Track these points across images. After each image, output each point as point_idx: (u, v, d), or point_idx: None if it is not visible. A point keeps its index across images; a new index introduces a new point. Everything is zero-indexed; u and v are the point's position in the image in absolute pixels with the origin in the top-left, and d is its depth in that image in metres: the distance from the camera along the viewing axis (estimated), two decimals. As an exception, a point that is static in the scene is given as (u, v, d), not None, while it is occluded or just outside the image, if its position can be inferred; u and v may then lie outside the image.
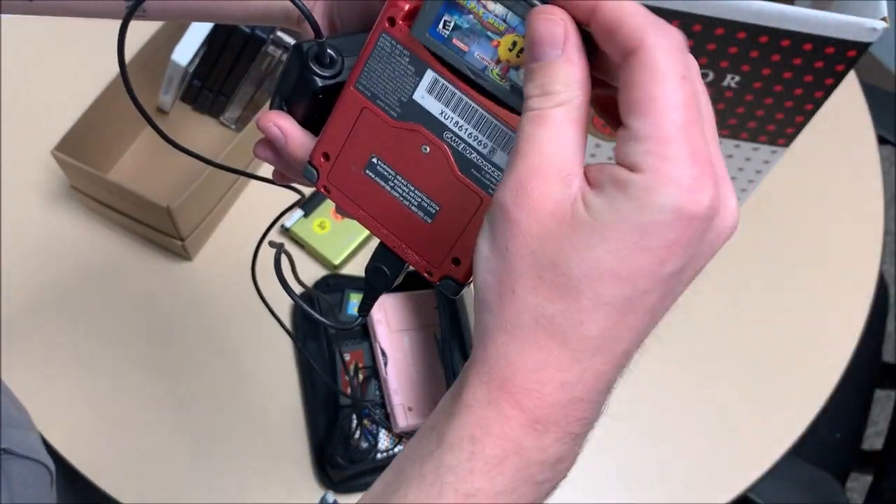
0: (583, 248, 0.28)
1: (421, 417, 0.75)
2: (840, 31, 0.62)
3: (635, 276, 0.28)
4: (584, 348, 0.29)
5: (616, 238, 0.28)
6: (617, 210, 0.28)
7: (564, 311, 0.29)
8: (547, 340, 0.29)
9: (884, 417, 1.60)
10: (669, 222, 0.28)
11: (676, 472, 0.77)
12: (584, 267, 0.28)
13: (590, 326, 0.29)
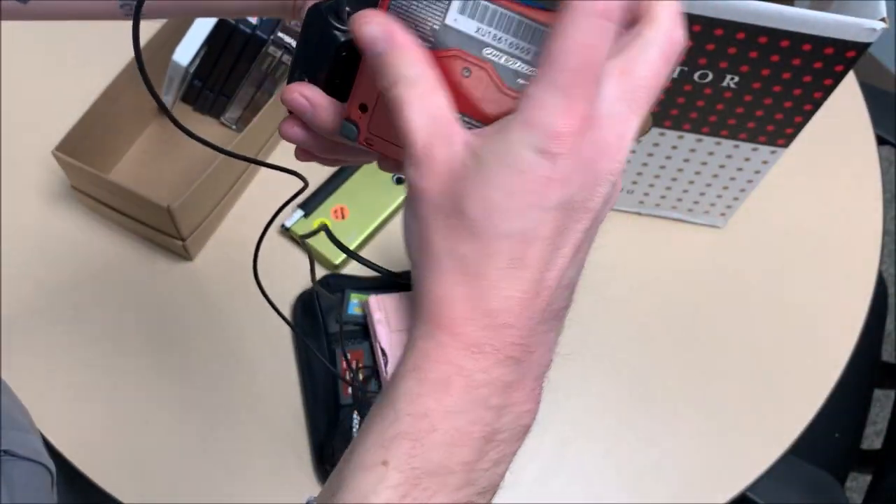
0: (474, 191, 0.32)
1: None
2: (839, 31, 0.62)
3: (522, 208, 0.31)
4: (499, 278, 0.32)
5: (497, 176, 0.31)
6: (495, 152, 0.32)
7: (473, 248, 0.32)
8: (466, 276, 0.33)
9: (883, 417, 1.60)
10: (536, 160, 0.31)
11: (675, 471, 0.78)
12: (477, 207, 0.32)
13: (497, 258, 0.32)
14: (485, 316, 0.33)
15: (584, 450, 0.78)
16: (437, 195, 0.33)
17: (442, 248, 0.33)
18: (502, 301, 0.33)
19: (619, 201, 0.89)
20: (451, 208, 0.32)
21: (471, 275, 0.32)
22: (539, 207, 0.31)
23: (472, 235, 0.32)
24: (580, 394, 0.81)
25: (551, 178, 0.31)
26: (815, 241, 0.91)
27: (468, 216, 0.32)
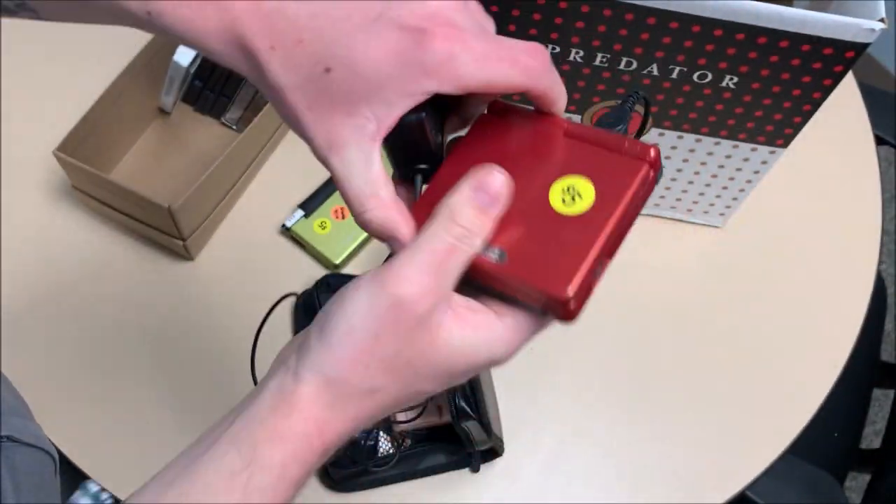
0: (433, 363, 0.38)
1: (423, 418, 0.75)
2: (838, 32, 0.62)
3: (434, 380, 0.39)
4: (376, 412, 0.39)
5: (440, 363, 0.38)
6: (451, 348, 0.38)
7: (393, 391, 0.39)
8: (366, 405, 0.38)
9: (882, 417, 1.60)
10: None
11: (675, 471, 0.78)
12: (424, 372, 0.38)
13: (399, 401, 0.39)
14: (348, 434, 0.39)
15: (583, 449, 0.78)
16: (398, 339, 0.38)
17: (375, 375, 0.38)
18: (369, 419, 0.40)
19: (619, 201, 0.89)
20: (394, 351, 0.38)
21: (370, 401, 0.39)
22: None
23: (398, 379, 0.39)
24: (579, 393, 0.81)
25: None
26: (814, 240, 0.91)
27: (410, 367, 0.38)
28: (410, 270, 0.37)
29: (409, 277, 0.37)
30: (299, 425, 0.38)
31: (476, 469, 0.76)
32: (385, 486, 0.75)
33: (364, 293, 0.37)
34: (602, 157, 0.40)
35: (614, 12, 0.64)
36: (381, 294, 0.37)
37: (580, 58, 0.70)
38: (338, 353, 0.37)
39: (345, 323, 0.37)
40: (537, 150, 0.42)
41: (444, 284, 0.37)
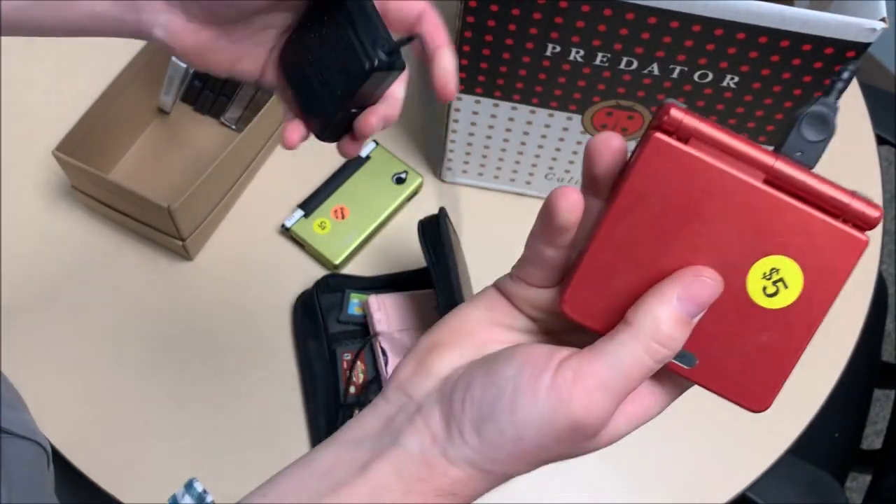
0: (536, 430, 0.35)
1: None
2: (839, 31, 0.62)
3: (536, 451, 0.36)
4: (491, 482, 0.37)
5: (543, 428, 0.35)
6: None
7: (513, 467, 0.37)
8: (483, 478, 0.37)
9: (882, 417, 1.60)
10: (556, 433, 0.35)
11: (675, 471, 0.78)
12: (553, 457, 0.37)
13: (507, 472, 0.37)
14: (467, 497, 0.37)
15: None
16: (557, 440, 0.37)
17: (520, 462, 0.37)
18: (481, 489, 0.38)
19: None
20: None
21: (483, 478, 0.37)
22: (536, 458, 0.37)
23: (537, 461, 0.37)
24: (580, 394, 0.81)
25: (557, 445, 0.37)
26: (815, 241, 0.91)
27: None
28: (602, 399, 0.35)
29: (598, 405, 0.35)
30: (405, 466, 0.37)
31: (476, 469, 0.75)
32: (385, 487, 0.75)
33: (544, 406, 0.34)
34: (815, 225, 0.32)
35: (615, 12, 0.64)
36: (564, 415, 0.34)
37: (580, 57, 0.69)
38: (501, 455, 0.36)
39: (513, 430, 0.35)
40: (734, 210, 0.33)
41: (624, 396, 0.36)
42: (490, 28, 0.69)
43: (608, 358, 0.34)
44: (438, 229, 0.74)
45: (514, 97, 0.76)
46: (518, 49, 0.70)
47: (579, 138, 0.80)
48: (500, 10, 0.66)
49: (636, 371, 0.34)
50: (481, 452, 0.35)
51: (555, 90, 0.74)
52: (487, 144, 0.83)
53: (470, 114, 0.80)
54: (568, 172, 0.85)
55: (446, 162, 0.88)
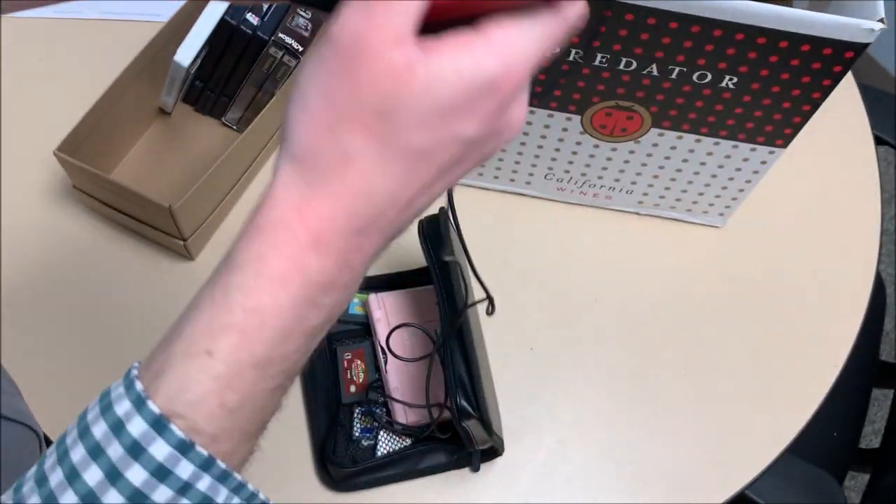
0: (407, 99, 0.31)
1: (420, 414, 0.75)
2: (837, 32, 0.62)
3: (440, 129, 0.32)
4: (378, 189, 0.32)
5: (437, 90, 0.31)
6: (446, 69, 0.31)
7: (373, 152, 0.32)
8: (348, 176, 0.32)
9: (881, 416, 1.60)
10: (479, 86, 0.31)
11: (674, 471, 0.78)
12: (403, 118, 0.31)
13: (389, 168, 0.32)
14: (345, 217, 0.33)
15: (582, 449, 0.78)
16: (366, 91, 0.31)
17: (341, 140, 0.32)
18: (369, 209, 0.33)
19: (618, 201, 0.89)
20: (373, 110, 0.31)
21: (356, 177, 0.32)
22: (450, 133, 0.32)
23: (380, 142, 0.32)
24: (579, 393, 0.81)
25: (478, 109, 0.32)
26: (814, 240, 0.91)
27: (389, 120, 0.31)
28: (347, 10, 0.30)
29: (345, 15, 0.30)
30: (273, 213, 0.33)
31: (476, 468, 0.76)
32: (385, 486, 0.75)
33: (311, 57, 0.32)
34: None
35: (614, 13, 0.64)
36: (323, 46, 0.31)
37: (579, 58, 0.70)
38: (298, 128, 0.32)
39: (300, 96, 0.32)
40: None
41: (394, 20, 0.30)
42: (490, 29, 0.69)
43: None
44: (439, 229, 0.74)
45: None
46: (518, 50, 0.70)
47: (579, 138, 0.80)
48: (500, 10, 0.67)
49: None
50: (287, 139, 0.33)
51: (554, 90, 0.74)
52: (487, 145, 0.84)
53: (470, 114, 0.80)
54: (567, 172, 0.85)
55: (446, 162, 0.88)
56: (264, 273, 0.33)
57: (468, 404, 0.65)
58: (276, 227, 0.33)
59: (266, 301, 0.33)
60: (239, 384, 0.33)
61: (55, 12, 1.01)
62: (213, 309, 0.33)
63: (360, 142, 0.32)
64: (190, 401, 0.32)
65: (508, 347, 0.82)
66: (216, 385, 0.33)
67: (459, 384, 0.66)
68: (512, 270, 0.87)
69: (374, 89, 0.31)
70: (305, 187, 0.33)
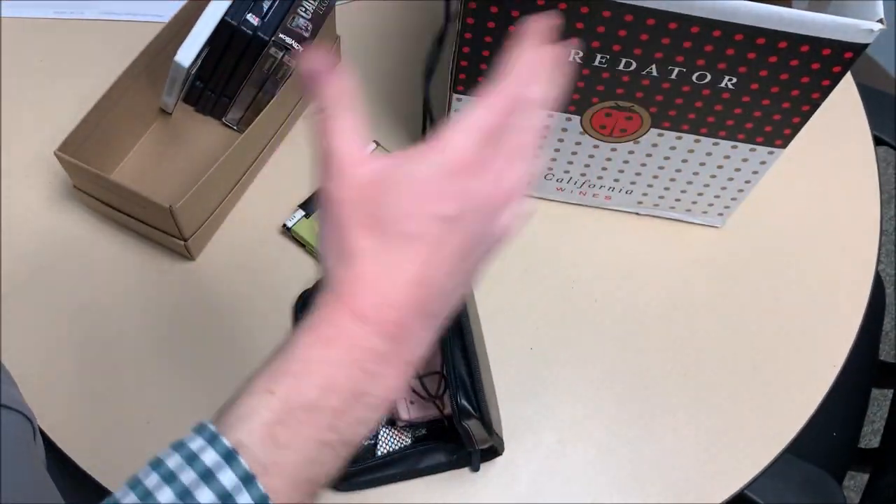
0: (384, 199, 0.41)
1: (422, 411, 0.75)
2: (837, 32, 0.63)
3: (420, 214, 0.41)
4: (385, 269, 0.41)
5: (402, 186, 0.41)
6: (403, 169, 0.41)
7: (377, 242, 0.41)
8: (366, 265, 0.41)
9: (880, 416, 1.61)
10: (437, 175, 0.40)
11: (673, 470, 0.78)
12: (385, 211, 0.41)
13: (392, 254, 0.41)
14: (373, 295, 0.41)
15: (581, 449, 0.79)
16: (352, 204, 0.41)
17: (353, 242, 0.41)
18: (389, 286, 0.41)
19: (618, 201, 0.89)
20: (365, 213, 0.41)
21: (372, 264, 0.41)
22: (429, 215, 0.40)
23: (379, 232, 0.41)
24: (578, 393, 0.81)
25: (444, 191, 0.41)
26: (813, 241, 0.92)
27: (378, 218, 0.41)
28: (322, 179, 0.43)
29: (323, 184, 0.42)
30: (322, 298, 0.42)
31: (476, 468, 0.76)
32: (385, 486, 0.75)
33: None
34: None
35: (613, 13, 0.64)
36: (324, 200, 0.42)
37: (579, 58, 0.70)
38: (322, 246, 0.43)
39: (321, 227, 0.43)
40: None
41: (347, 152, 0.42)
42: (490, 29, 0.69)
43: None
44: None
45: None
46: (518, 50, 0.70)
47: (578, 139, 0.80)
48: (499, 10, 0.67)
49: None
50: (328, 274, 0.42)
51: (554, 91, 0.74)
52: (487, 145, 0.84)
53: (470, 114, 0.80)
54: (567, 173, 0.86)
55: (446, 162, 0.88)
56: (316, 337, 0.41)
57: (468, 404, 0.66)
58: (323, 307, 0.41)
59: (315, 354, 0.40)
60: (289, 420, 0.39)
61: (55, 12, 1.01)
62: (275, 361, 0.40)
63: (366, 241, 0.41)
64: (249, 428, 0.38)
65: (508, 347, 0.83)
66: (271, 416, 0.39)
67: (460, 383, 0.66)
68: (512, 270, 0.87)
69: (357, 201, 0.41)
70: (339, 278, 0.41)
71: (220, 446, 0.38)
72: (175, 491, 0.37)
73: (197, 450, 0.38)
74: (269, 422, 0.38)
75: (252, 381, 0.40)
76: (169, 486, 0.37)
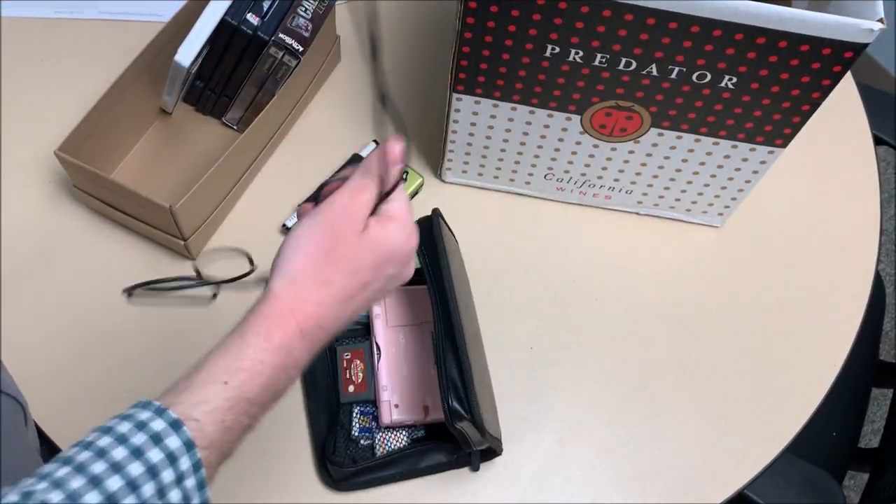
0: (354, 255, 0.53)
1: (406, 414, 0.75)
2: (837, 32, 0.63)
3: (372, 270, 0.54)
4: (336, 300, 0.53)
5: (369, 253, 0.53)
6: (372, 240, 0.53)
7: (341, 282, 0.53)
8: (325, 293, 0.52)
9: (880, 416, 1.61)
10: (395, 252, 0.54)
11: (673, 470, 0.78)
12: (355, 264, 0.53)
13: (348, 293, 0.53)
14: (316, 318, 0.52)
15: (581, 449, 0.79)
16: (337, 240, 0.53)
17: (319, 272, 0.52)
18: (330, 314, 0.53)
19: (618, 201, 0.89)
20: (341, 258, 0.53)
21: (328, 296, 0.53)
22: (380, 273, 0.54)
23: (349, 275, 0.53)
24: (578, 393, 0.81)
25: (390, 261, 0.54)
26: (813, 240, 0.92)
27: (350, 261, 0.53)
28: (338, 198, 0.53)
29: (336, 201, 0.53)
30: (275, 308, 0.51)
31: (476, 468, 0.76)
32: (385, 486, 0.75)
33: (306, 223, 0.53)
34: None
35: (614, 13, 0.64)
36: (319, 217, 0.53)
37: (579, 58, 0.70)
38: (294, 263, 0.52)
39: (294, 244, 0.52)
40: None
41: (359, 214, 0.53)
42: (490, 29, 0.69)
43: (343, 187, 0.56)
44: (431, 230, 0.74)
45: (513, 97, 0.76)
46: (517, 50, 0.70)
47: (578, 138, 0.80)
48: (499, 11, 0.67)
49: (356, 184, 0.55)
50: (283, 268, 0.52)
51: (554, 90, 0.74)
52: (487, 145, 0.84)
53: (470, 114, 0.80)
54: (567, 173, 0.86)
55: (446, 162, 0.88)
56: (269, 343, 0.50)
57: (460, 406, 0.65)
58: (278, 318, 0.51)
59: (266, 359, 0.50)
60: (236, 409, 0.48)
61: (55, 12, 1.01)
62: (227, 359, 0.50)
63: (335, 274, 0.52)
64: (206, 411, 0.47)
65: (508, 347, 0.83)
66: (226, 405, 0.48)
67: (451, 386, 0.66)
68: (512, 270, 0.87)
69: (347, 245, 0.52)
70: (294, 297, 0.52)
71: (167, 417, 0.46)
72: (128, 451, 0.44)
73: (146, 419, 0.46)
74: (221, 408, 0.48)
75: (208, 364, 0.50)
76: (122, 446, 0.44)
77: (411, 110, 0.95)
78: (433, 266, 0.72)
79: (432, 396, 0.76)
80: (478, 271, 0.85)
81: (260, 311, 0.52)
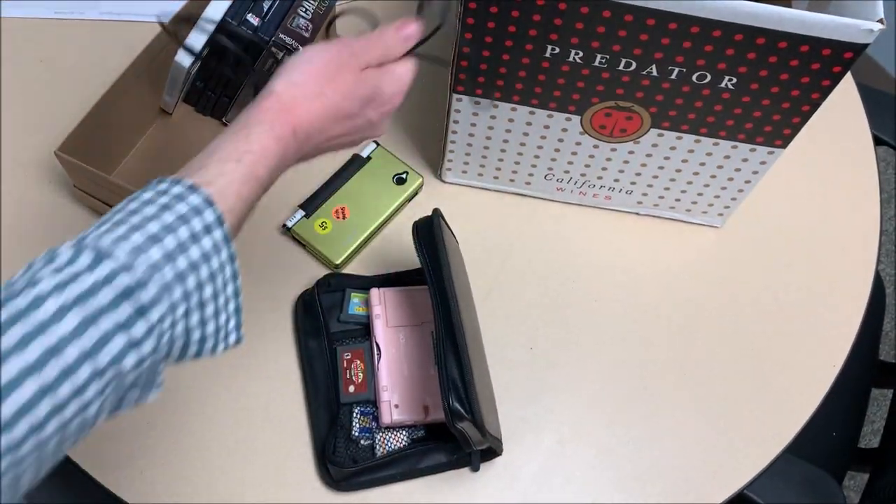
0: (352, 83, 0.60)
1: (407, 414, 0.75)
2: (836, 32, 0.63)
3: (360, 103, 0.61)
4: (325, 114, 0.59)
5: (363, 87, 0.61)
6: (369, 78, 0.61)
7: (333, 98, 0.59)
8: (317, 103, 0.59)
9: (880, 416, 1.61)
10: (382, 96, 0.62)
11: (673, 470, 0.78)
12: (348, 89, 0.60)
13: (338, 106, 0.60)
14: (309, 124, 0.59)
15: (581, 449, 0.79)
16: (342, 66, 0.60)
17: (321, 86, 0.59)
18: (320, 124, 0.60)
19: (618, 201, 0.89)
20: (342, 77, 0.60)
21: (321, 106, 0.59)
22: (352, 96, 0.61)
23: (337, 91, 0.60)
24: (578, 393, 0.81)
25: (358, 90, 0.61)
26: (813, 241, 0.92)
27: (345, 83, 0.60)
28: (353, 39, 0.60)
29: (351, 40, 0.60)
30: (275, 104, 0.57)
31: (476, 468, 0.76)
32: (385, 486, 0.75)
33: (320, 45, 0.60)
34: None
35: (613, 13, 0.64)
36: (333, 45, 0.60)
37: (579, 59, 0.70)
38: (299, 71, 0.59)
39: (306, 57, 0.59)
40: None
41: (367, 56, 0.61)
42: (490, 29, 0.69)
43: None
44: (431, 230, 0.74)
45: (513, 98, 0.76)
46: (517, 50, 0.71)
47: (578, 139, 0.80)
48: (499, 11, 0.67)
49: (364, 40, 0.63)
50: (288, 73, 0.59)
51: (554, 91, 0.74)
52: (487, 145, 0.84)
53: (470, 114, 0.80)
54: (567, 173, 0.86)
55: (446, 162, 0.88)
56: (272, 132, 0.56)
57: (461, 406, 0.65)
58: (277, 112, 0.57)
59: (270, 146, 0.56)
60: (248, 185, 0.55)
61: (55, 12, 1.01)
62: (237, 142, 0.55)
63: (329, 92, 0.59)
64: (225, 181, 0.53)
65: (508, 347, 0.83)
66: (241, 178, 0.54)
67: (452, 386, 0.66)
68: (512, 270, 0.87)
69: (346, 73, 0.60)
70: (294, 98, 0.58)
71: (184, 184, 0.52)
72: (156, 208, 0.50)
73: (165, 188, 0.52)
74: (237, 181, 0.54)
75: (220, 148, 0.55)
76: (150, 206, 0.50)
77: (411, 110, 0.95)
78: (434, 266, 0.72)
79: (432, 396, 0.76)
80: (478, 271, 0.85)
81: (262, 105, 0.57)
